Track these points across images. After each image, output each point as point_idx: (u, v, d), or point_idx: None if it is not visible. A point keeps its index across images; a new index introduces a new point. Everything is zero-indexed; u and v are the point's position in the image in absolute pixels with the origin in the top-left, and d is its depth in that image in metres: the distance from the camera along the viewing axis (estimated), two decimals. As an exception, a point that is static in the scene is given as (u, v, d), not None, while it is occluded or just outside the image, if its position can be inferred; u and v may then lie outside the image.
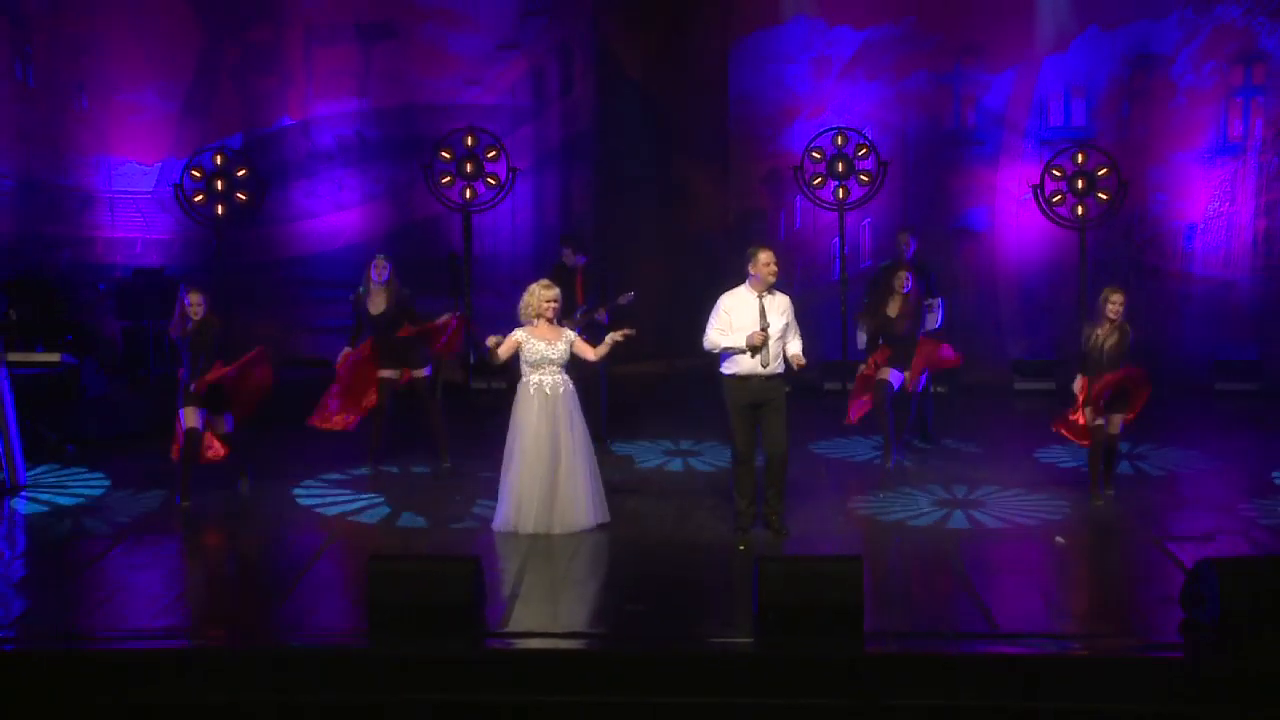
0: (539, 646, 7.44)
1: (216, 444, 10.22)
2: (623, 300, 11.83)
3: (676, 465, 11.51)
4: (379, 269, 10.97)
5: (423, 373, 11.07)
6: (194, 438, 10.02)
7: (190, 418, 10.00)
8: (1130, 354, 9.90)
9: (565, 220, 15.88)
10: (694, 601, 8.08)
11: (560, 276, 11.61)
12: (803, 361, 9.21)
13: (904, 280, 11.23)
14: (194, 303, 10.07)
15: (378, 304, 10.95)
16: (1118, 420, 9.97)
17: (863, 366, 11.26)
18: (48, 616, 7.86)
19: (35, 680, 7.03)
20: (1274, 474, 10.81)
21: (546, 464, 9.16)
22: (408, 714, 6.89)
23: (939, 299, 12.09)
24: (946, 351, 11.45)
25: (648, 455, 11.79)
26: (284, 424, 11.49)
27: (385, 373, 10.98)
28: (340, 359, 11.02)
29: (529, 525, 9.17)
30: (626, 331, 9.43)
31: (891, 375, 11.10)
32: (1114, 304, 9.86)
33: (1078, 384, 10.02)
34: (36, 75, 15.75)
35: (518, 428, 9.23)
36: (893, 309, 11.24)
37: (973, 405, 13.83)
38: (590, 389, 11.73)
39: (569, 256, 12.05)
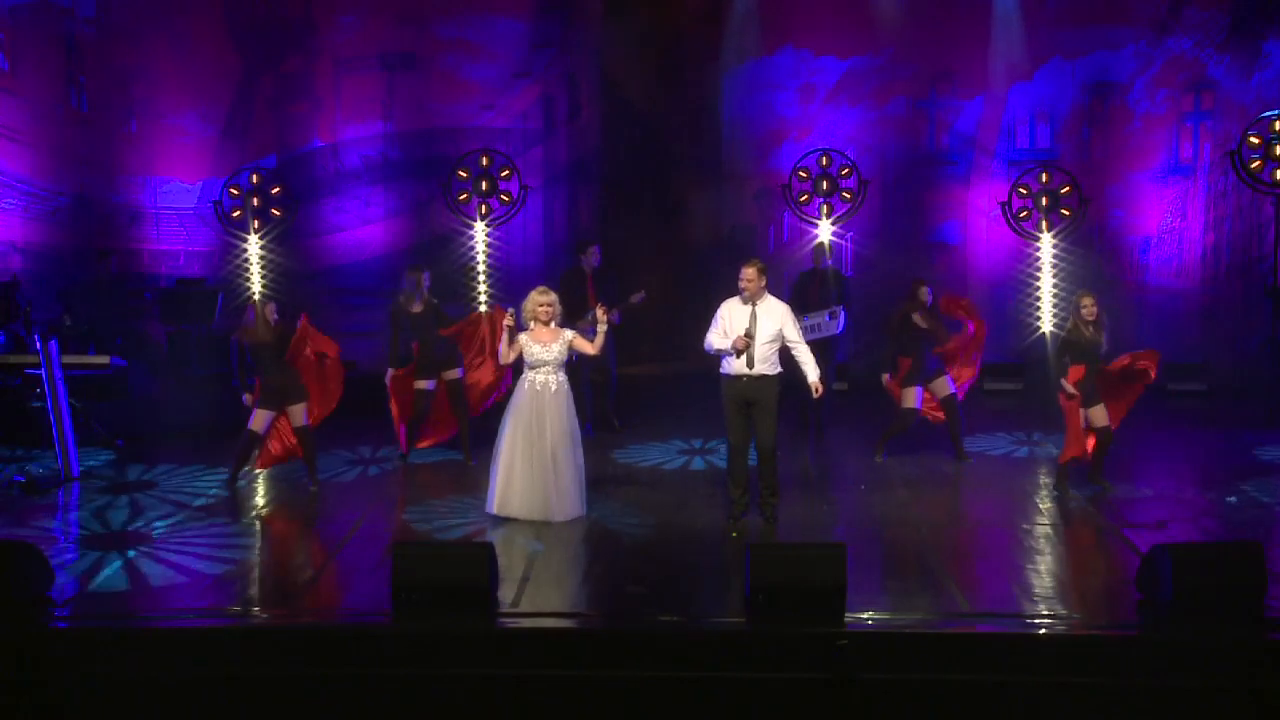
0: (548, 625, 7.43)
1: (282, 443, 10.24)
2: (635, 299, 11.83)
3: (679, 460, 11.51)
4: (416, 280, 10.87)
5: (455, 374, 11.02)
6: (254, 439, 10.05)
7: (258, 421, 10.05)
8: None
9: (572, 234, 15.89)
10: (690, 584, 8.08)
11: (574, 280, 11.60)
12: (820, 392, 9.23)
13: (924, 293, 10.92)
14: (268, 313, 10.08)
15: (416, 307, 10.89)
16: (1103, 413, 9.91)
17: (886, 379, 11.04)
18: (100, 596, 7.85)
19: (89, 655, 7.03)
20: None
21: (529, 455, 9.13)
22: (428, 686, 6.89)
23: (840, 307, 12.04)
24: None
25: (650, 449, 11.79)
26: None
27: (420, 383, 10.92)
28: (389, 380, 10.89)
29: (512, 510, 9.16)
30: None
31: (917, 398, 10.92)
32: (1086, 306, 9.84)
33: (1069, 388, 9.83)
34: (90, 102, 15.76)
35: (508, 420, 9.24)
36: (921, 321, 10.84)
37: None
38: (601, 381, 11.78)
39: (586, 260, 11.96)
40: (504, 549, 8.32)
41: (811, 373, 9.16)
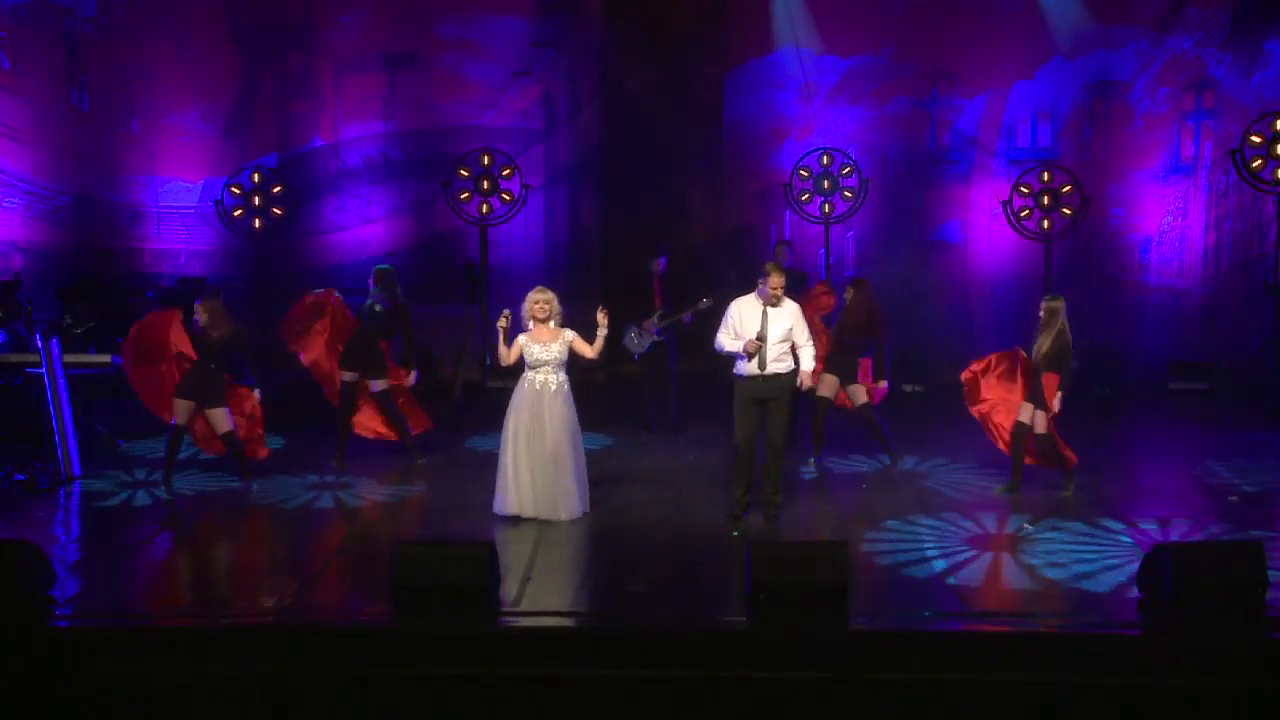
0: (549, 624, 7.43)
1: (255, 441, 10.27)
2: (703, 304, 11.67)
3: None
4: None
5: (372, 386, 10.81)
6: (179, 433, 10.10)
7: (180, 413, 10.06)
8: (1058, 356, 9.73)
9: (573, 233, 15.92)
10: (690, 583, 8.07)
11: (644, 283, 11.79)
12: (809, 384, 9.22)
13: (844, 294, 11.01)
14: (197, 311, 10.03)
15: (377, 308, 10.79)
16: (1039, 416, 9.84)
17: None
18: (100, 596, 7.86)
19: (88, 654, 7.02)
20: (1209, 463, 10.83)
21: (528, 454, 9.13)
22: (428, 686, 6.88)
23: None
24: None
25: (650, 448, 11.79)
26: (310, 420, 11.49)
27: (346, 375, 10.76)
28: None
29: (515, 508, 9.17)
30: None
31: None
32: (1043, 310, 9.81)
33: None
34: (91, 102, 15.77)
35: (508, 420, 9.24)
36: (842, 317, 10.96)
37: (948, 403, 13.78)
38: (663, 384, 11.78)
39: (654, 266, 11.99)
40: (505, 547, 8.31)
41: (806, 364, 9.17)
